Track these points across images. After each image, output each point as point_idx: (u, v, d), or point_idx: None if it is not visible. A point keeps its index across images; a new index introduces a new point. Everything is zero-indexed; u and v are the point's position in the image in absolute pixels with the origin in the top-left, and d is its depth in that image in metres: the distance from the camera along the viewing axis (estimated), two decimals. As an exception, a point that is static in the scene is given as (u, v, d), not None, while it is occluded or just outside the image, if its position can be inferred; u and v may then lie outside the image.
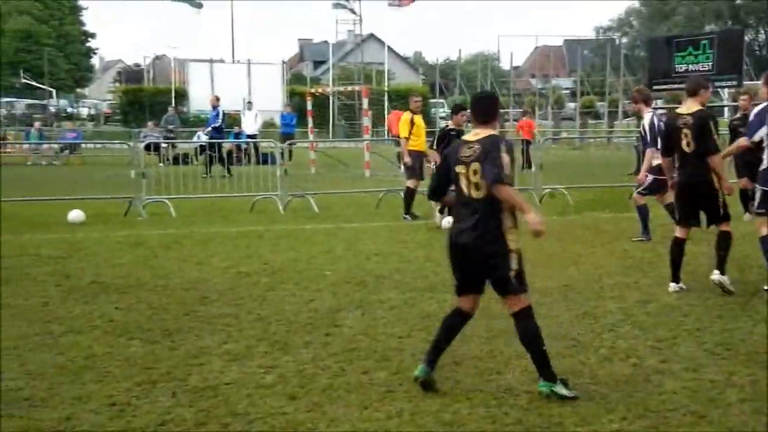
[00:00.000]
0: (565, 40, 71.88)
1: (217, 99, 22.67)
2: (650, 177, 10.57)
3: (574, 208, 14.30)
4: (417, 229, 11.87)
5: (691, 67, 31.31)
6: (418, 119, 13.29)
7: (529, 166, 21.74)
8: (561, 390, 4.94)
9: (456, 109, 12.72)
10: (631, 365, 5.65)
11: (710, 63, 30.70)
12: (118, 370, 5.59)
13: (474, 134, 5.18)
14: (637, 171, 18.85)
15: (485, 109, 5.30)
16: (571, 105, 50.78)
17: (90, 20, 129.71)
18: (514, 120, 49.09)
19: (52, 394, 5.09)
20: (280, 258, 9.73)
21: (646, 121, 10.45)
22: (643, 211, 10.80)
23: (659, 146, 10.38)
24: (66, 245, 10.63)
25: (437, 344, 5.21)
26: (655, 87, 33.66)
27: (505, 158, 4.91)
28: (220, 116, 22.21)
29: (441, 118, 50.13)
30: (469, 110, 11.88)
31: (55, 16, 61.58)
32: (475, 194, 5.00)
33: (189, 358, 5.86)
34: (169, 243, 10.77)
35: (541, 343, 5.03)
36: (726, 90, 39.44)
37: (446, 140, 12.07)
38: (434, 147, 12.25)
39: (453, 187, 5.18)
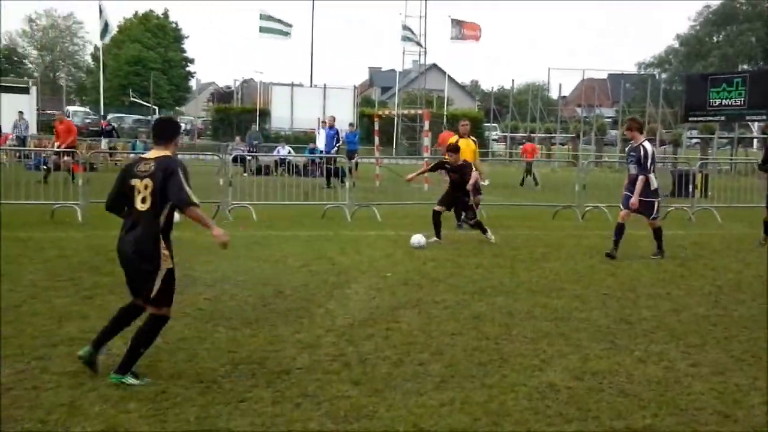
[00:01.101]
0: (610, 74, 70.82)
1: (334, 119, 22.37)
2: (656, 201, 10.49)
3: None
4: (469, 239, 11.81)
5: (724, 101, 30.60)
6: (463, 142, 12.86)
7: (522, 184, 22.10)
8: (130, 380, 4.90)
9: (448, 147, 11.98)
10: (663, 368, 5.54)
11: (742, 99, 29.95)
12: (206, 352, 5.70)
13: (152, 153, 5.16)
14: (672, 193, 18.59)
15: (163, 131, 5.24)
16: (613, 132, 49.87)
17: (190, 47, 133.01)
18: (561, 144, 48.57)
19: (151, 370, 5.20)
20: (347, 260, 9.78)
21: (648, 149, 10.28)
22: (621, 231, 10.51)
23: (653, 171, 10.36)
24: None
25: (108, 330, 5.13)
26: (690, 119, 32.98)
27: (185, 184, 4.91)
28: (345, 135, 22.11)
29: (494, 140, 49.87)
30: (452, 151, 11.70)
31: (161, 43, 63.21)
32: (141, 207, 4.98)
33: (266, 344, 5.94)
34: (250, 244, 10.92)
35: (142, 346, 5.00)
36: (756, 123, 38.31)
37: (439, 168, 12.02)
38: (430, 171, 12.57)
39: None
